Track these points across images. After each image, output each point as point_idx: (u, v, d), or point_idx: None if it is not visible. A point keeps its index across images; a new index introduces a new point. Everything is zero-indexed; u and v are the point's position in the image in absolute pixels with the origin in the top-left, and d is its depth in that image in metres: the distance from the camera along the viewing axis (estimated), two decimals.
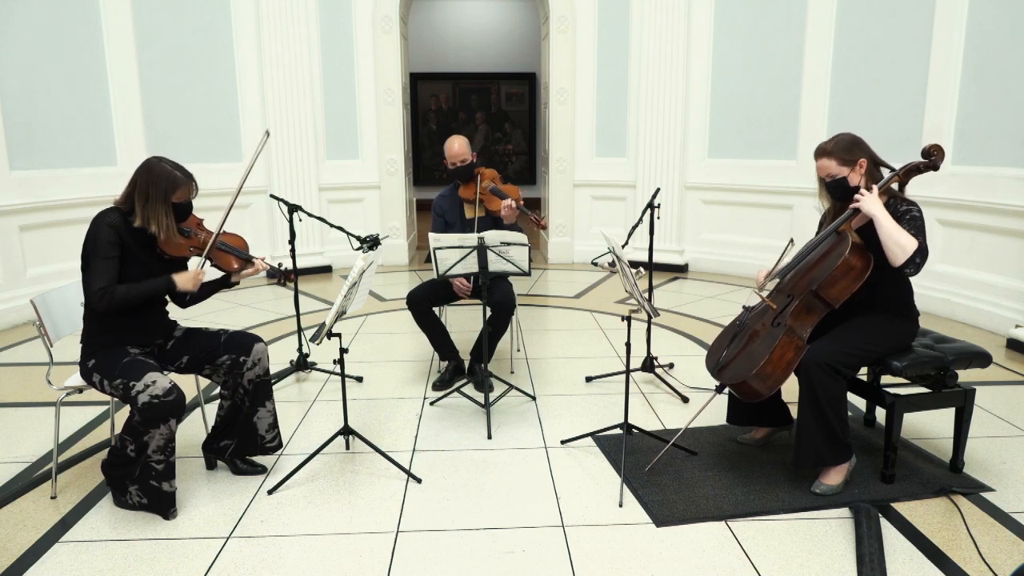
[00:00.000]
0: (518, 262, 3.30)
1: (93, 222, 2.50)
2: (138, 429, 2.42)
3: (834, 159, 2.65)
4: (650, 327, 3.91)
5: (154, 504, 2.51)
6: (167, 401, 2.39)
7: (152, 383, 2.40)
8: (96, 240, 2.47)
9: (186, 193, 2.58)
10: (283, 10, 6.35)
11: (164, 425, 2.41)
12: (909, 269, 2.48)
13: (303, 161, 6.67)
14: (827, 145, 2.68)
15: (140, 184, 2.51)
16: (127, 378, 2.43)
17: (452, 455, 3.01)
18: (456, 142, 3.83)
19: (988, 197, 4.75)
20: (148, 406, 2.38)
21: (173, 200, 2.54)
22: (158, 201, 2.50)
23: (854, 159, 2.64)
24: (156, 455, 2.45)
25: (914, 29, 5.16)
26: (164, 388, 2.40)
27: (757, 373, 2.54)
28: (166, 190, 2.51)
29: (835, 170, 2.66)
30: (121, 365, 2.48)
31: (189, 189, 2.58)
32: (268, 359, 2.79)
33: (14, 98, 5.14)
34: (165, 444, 2.45)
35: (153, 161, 2.55)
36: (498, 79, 11.47)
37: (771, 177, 6.30)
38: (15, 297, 5.08)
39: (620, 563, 2.26)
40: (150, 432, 2.41)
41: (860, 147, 2.66)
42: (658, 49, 6.53)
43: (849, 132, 2.72)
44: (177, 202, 2.56)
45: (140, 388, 2.39)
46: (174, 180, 2.53)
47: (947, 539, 2.37)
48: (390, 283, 6.44)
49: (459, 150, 3.81)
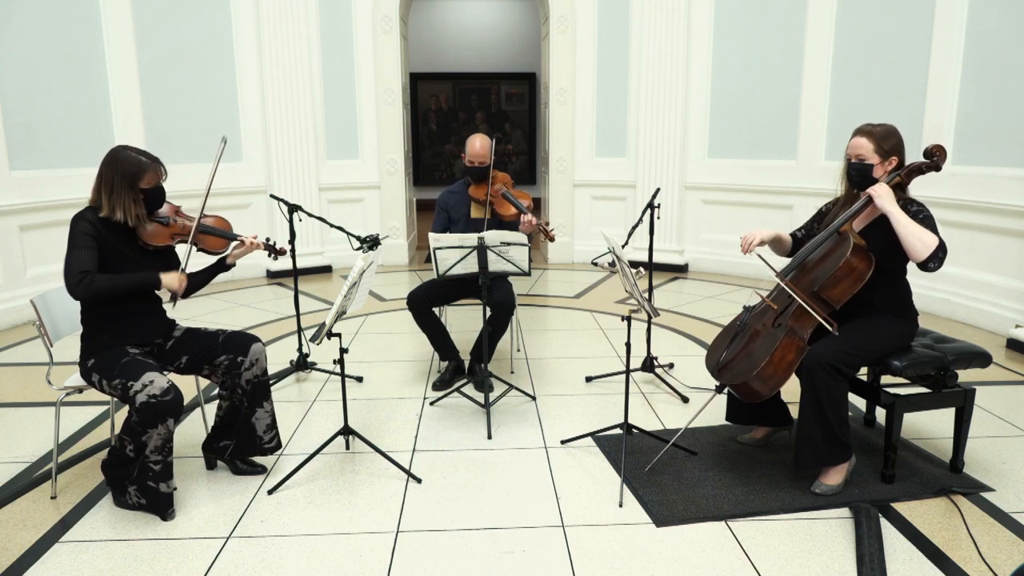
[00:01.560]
0: (518, 262, 3.30)
1: (71, 221, 2.49)
2: (136, 429, 2.42)
3: (872, 143, 2.62)
4: (650, 327, 3.91)
5: (152, 504, 2.51)
6: (164, 401, 2.39)
7: (150, 383, 2.40)
8: (73, 233, 2.46)
9: (154, 177, 2.53)
10: (283, 10, 6.35)
11: (162, 425, 2.41)
12: (933, 264, 2.46)
13: (303, 161, 6.67)
14: (873, 128, 2.64)
15: (105, 175, 2.48)
16: (125, 378, 2.43)
17: (452, 455, 3.01)
18: (479, 141, 3.80)
19: (988, 197, 4.75)
20: (145, 406, 2.38)
21: (142, 186, 2.50)
22: (123, 188, 2.46)
23: (889, 153, 2.62)
24: (154, 455, 2.45)
25: (914, 29, 5.16)
26: (162, 388, 2.40)
27: (758, 374, 2.54)
28: (132, 176, 2.47)
29: (868, 155, 2.62)
30: (120, 365, 2.48)
31: (157, 173, 2.54)
32: (266, 359, 2.79)
33: (14, 98, 5.14)
34: (163, 444, 2.45)
35: (117, 149, 2.52)
36: (498, 79, 11.47)
37: (771, 177, 6.30)
38: (15, 297, 5.08)
39: (620, 563, 2.26)
40: (148, 432, 2.41)
41: (899, 146, 2.64)
42: (658, 49, 6.53)
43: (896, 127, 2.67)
44: (147, 187, 2.52)
45: (138, 388, 2.39)
46: (139, 165, 2.48)
47: (947, 539, 2.37)
48: (390, 283, 6.45)
49: (481, 151, 3.78)
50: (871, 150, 2.62)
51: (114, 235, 2.52)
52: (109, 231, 2.51)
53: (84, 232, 2.45)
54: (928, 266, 2.46)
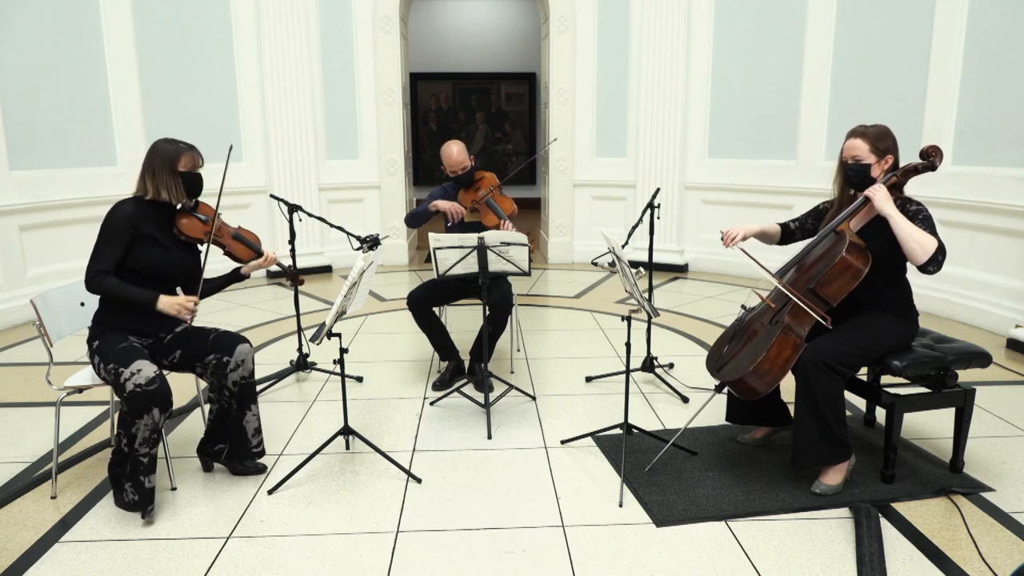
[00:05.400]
0: (518, 262, 3.30)
1: (111, 208, 2.63)
2: (126, 419, 2.44)
3: (868, 143, 2.63)
4: (650, 327, 3.92)
5: (143, 500, 2.50)
6: (149, 390, 2.39)
7: (137, 371, 2.42)
8: (108, 225, 2.60)
9: (190, 160, 2.71)
10: (283, 10, 6.35)
11: (147, 415, 2.41)
12: (932, 267, 2.46)
13: (303, 161, 6.67)
14: (867, 128, 2.66)
15: (147, 162, 2.68)
16: (119, 363, 2.46)
17: (452, 455, 3.01)
18: (454, 148, 3.78)
19: (988, 197, 4.75)
20: (132, 395, 2.40)
21: (180, 168, 2.68)
22: (164, 171, 2.66)
23: (884, 152, 2.63)
24: (142, 448, 2.45)
25: (914, 29, 5.16)
26: (147, 377, 2.41)
27: (754, 370, 2.54)
28: (171, 160, 2.67)
29: (863, 155, 2.63)
30: (116, 350, 2.51)
31: (192, 157, 2.72)
32: (253, 361, 2.79)
33: (14, 98, 5.14)
34: (149, 435, 2.44)
35: (156, 141, 2.73)
36: (498, 79, 11.47)
37: (771, 177, 6.30)
38: (15, 297, 5.07)
39: (620, 563, 2.26)
40: (136, 423, 2.42)
41: (894, 145, 2.65)
42: (658, 49, 6.53)
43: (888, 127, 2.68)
44: (184, 171, 2.69)
45: (127, 375, 2.42)
46: (176, 150, 2.69)
47: (947, 539, 2.37)
48: (390, 283, 6.45)
49: (459, 157, 3.77)
50: (867, 150, 2.63)
51: (154, 218, 2.67)
52: (150, 214, 2.65)
53: (116, 228, 2.59)
54: (927, 269, 2.47)
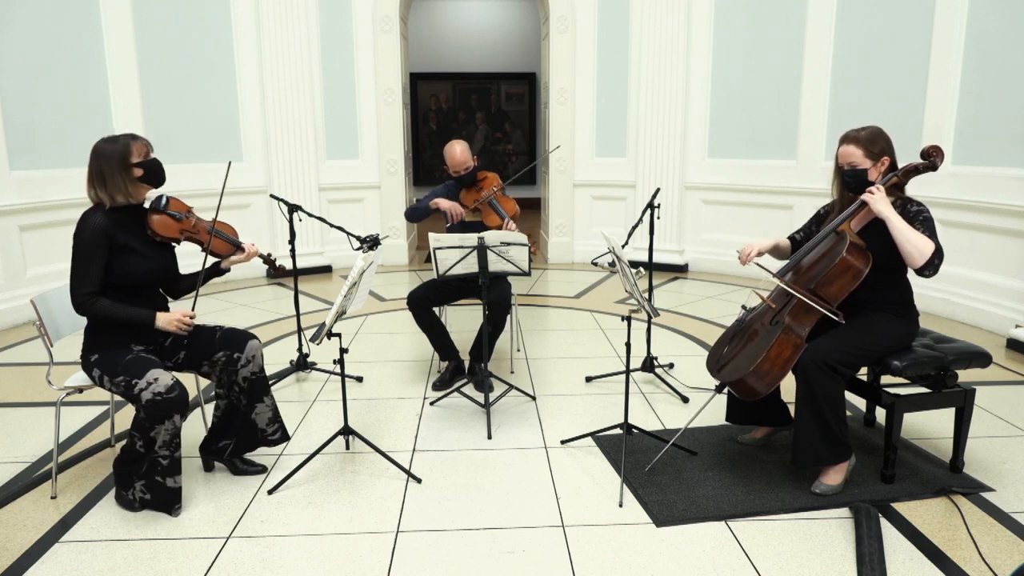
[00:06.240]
0: (518, 262, 3.30)
1: (80, 221, 2.51)
2: (144, 425, 2.44)
3: (861, 148, 2.63)
4: (650, 327, 3.91)
5: (158, 501, 2.52)
6: (169, 398, 2.41)
7: (155, 380, 2.42)
8: (81, 242, 2.49)
9: (142, 148, 2.55)
10: (283, 10, 6.35)
11: (168, 421, 2.43)
12: (928, 271, 2.46)
13: (303, 161, 6.67)
14: (858, 133, 2.66)
15: (93, 168, 2.51)
16: (129, 375, 2.45)
17: (452, 455, 3.01)
18: (457, 148, 3.78)
19: (987, 197, 4.75)
20: (151, 403, 2.40)
21: (134, 160, 2.52)
22: (116, 172, 2.49)
23: (879, 155, 2.63)
24: (162, 450, 2.48)
25: (914, 29, 5.16)
26: (167, 385, 2.42)
27: (754, 370, 2.54)
28: (121, 156, 2.50)
29: (858, 160, 2.64)
30: (124, 363, 2.49)
31: (142, 144, 2.55)
32: (262, 357, 2.80)
33: (14, 98, 5.14)
34: (170, 439, 2.47)
35: (97, 144, 2.54)
36: (498, 79, 11.47)
37: (771, 177, 6.30)
38: (15, 297, 5.07)
39: (620, 563, 2.26)
40: (155, 428, 2.43)
41: (888, 146, 2.66)
42: (658, 49, 6.53)
43: (880, 127, 2.69)
44: (140, 160, 2.53)
45: (143, 386, 2.41)
46: (123, 145, 2.51)
47: (947, 539, 2.37)
48: (390, 283, 6.44)
49: (462, 157, 3.77)
50: (861, 155, 2.64)
51: (124, 227, 2.55)
52: (119, 224, 2.53)
53: (90, 244, 2.48)
54: (923, 273, 2.47)
